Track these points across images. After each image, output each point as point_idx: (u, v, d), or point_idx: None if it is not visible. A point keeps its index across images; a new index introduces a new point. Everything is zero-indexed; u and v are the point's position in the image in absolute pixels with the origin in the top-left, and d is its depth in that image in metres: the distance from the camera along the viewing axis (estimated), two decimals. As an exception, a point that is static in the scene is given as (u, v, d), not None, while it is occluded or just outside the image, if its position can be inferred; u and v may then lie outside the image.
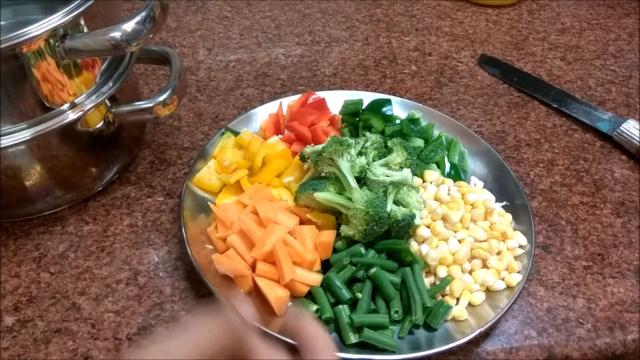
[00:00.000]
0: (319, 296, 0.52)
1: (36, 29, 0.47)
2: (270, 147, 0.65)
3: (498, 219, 0.59)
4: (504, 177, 0.64)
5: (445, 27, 0.94)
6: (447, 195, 0.59)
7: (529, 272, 0.55)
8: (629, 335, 0.54)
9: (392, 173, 0.59)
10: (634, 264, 0.60)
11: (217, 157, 0.64)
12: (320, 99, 0.72)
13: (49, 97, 0.52)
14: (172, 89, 0.59)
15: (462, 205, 0.58)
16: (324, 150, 0.57)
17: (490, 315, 0.52)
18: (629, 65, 0.88)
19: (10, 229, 0.60)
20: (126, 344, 0.51)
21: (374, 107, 0.70)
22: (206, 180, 0.62)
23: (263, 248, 0.52)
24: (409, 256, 0.54)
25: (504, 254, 0.56)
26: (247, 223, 0.54)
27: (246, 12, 0.96)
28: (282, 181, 0.63)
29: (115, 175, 0.64)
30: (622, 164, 0.71)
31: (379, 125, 0.67)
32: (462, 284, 0.54)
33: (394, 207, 0.56)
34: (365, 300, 0.51)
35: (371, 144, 0.62)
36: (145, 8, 0.50)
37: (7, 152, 0.52)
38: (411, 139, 0.67)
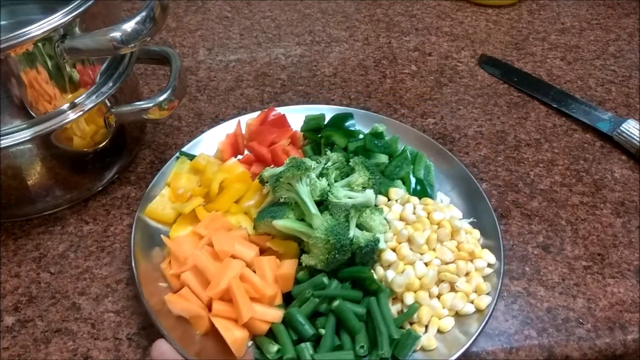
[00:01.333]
0: (280, 334, 0.49)
1: (36, 29, 0.47)
2: (228, 171, 0.61)
3: (465, 238, 0.56)
4: (471, 190, 0.62)
5: (445, 27, 0.94)
6: (412, 214, 0.57)
7: (498, 293, 0.53)
8: (629, 335, 0.54)
9: (355, 194, 0.56)
10: (634, 264, 0.60)
11: (171, 185, 0.60)
12: (280, 116, 0.68)
13: (49, 97, 0.52)
14: (172, 89, 0.59)
15: (428, 225, 0.56)
16: (281, 175, 0.54)
17: (461, 341, 0.50)
18: (629, 65, 0.88)
19: (10, 229, 0.60)
20: (126, 344, 0.51)
21: (335, 123, 0.67)
22: (159, 211, 0.58)
23: (218, 286, 0.49)
24: (374, 284, 0.52)
25: (472, 276, 0.54)
26: (200, 259, 0.51)
27: (246, 12, 0.96)
28: (242, 206, 0.59)
29: (115, 175, 0.64)
30: (622, 164, 0.71)
31: (342, 142, 0.65)
32: (430, 311, 0.52)
33: (357, 232, 0.53)
34: (329, 335, 0.49)
35: (332, 163, 0.60)
36: (145, 8, 0.50)
37: (7, 152, 0.52)
38: (375, 155, 0.64)
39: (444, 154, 0.66)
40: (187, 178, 0.61)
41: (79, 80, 0.53)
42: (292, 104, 0.77)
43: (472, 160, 0.70)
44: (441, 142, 0.72)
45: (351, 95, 0.79)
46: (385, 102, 0.78)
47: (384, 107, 0.77)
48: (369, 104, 0.78)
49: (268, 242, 0.54)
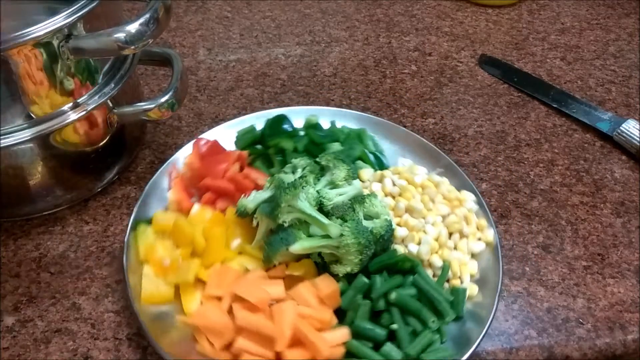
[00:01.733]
0: (359, 349, 0.48)
1: (40, 29, 0.47)
2: (201, 219, 0.56)
3: (446, 188, 0.59)
4: (415, 144, 0.66)
5: (445, 27, 0.94)
6: (393, 187, 0.59)
7: (493, 222, 0.58)
8: (629, 335, 0.54)
9: (344, 190, 0.55)
10: (634, 264, 0.60)
11: (151, 260, 0.53)
12: (212, 143, 0.63)
13: (51, 97, 0.52)
14: (174, 91, 0.59)
15: (415, 191, 0.58)
16: (281, 200, 0.51)
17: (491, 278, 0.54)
18: (629, 65, 0.88)
19: (10, 229, 0.60)
20: (126, 344, 0.51)
21: (273, 128, 0.65)
22: (156, 293, 0.51)
23: (285, 335, 0.46)
24: (407, 262, 0.53)
25: (469, 217, 0.58)
26: (250, 320, 0.47)
27: (246, 12, 0.96)
28: (232, 249, 0.55)
29: (116, 175, 0.64)
30: (622, 164, 0.71)
31: (290, 145, 0.63)
32: (457, 262, 0.55)
33: (369, 223, 0.53)
34: (401, 327, 0.49)
35: (302, 169, 0.57)
36: (149, 10, 0.50)
37: (8, 152, 0.52)
38: (327, 146, 0.63)
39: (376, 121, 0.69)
40: (162, 245, 0.54)
41: (82, 80, 0.53)
42: (292, 104, 0.77)
43: (472, 160, 0.70)
44: (441, 142, 0.72)
45: (351, 95, 0.80)
46: (385, 102, 0.78)
47: (384, 107, 0.77)
48: (369, 104, 0.78)
49: (287, 270, 0.52)
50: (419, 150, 0.66)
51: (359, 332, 0.49)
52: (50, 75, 0.50)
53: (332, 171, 0.57)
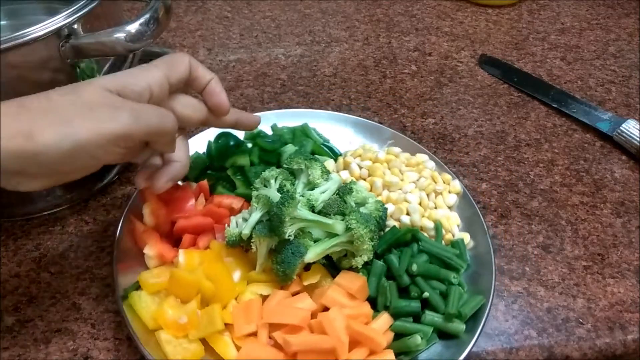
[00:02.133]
0: (404, 328, 0.50)
1: (40, 29, 0.47)
2: (192, 265, 0.52)
3: (404, 156, 0.64)
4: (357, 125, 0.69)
5: (445, 27, 0.94)
6: (361, 170, 0.62)
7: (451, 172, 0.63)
8: (629, 335, 0.54)
9: (325, 187, 0.54)
10: (634, 264, 0.60)
11: (164, 324, 0.48)
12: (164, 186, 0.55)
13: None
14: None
15: (382, 167, 0.62)
16: (283, 216, 0.49)
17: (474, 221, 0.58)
18: (629, 65, 0.88)
19: (10, 229, 0.60)
20: (126, 344, 0.51)
21: (223, 151, 0.62)
22: (187, 356, 0.47)
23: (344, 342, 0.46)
24: (408, 233, 0.55)
25: (434, 176, 0.62)
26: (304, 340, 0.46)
27: (246, 12, 0.96)
28: (239, 281, 0.52)
29: (116, 175, 0.64)
30: (622, 164, 0.71)
31: (245, 160, 0.61)
32: (445, 217, 0.58)
33: (363, 209, 0.54)
34: (432, 293, 0.51)
35: (275, 179, 0.55)
36: (149, 10, 0.50)
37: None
38: (281, 151, 0.62)
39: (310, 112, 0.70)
40: (169, 305, 0.49)
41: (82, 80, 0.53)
42: (292, 104, 0.77)
43: (472, 160, 0.70)
44: (441, 142, 0.72)
45: (351, 95, 0.80)
46: (385, 102, 0.78)
47: (384, 107, 0.78)
48: (369, 103, 0.78)
49: (304, 282, 0.52)
50: (361, 130, 0.69)
51: (398, 312, 0.51)
52: (50, 75, 0.50)
53: (306, 172, 0.55)
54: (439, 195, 0.61)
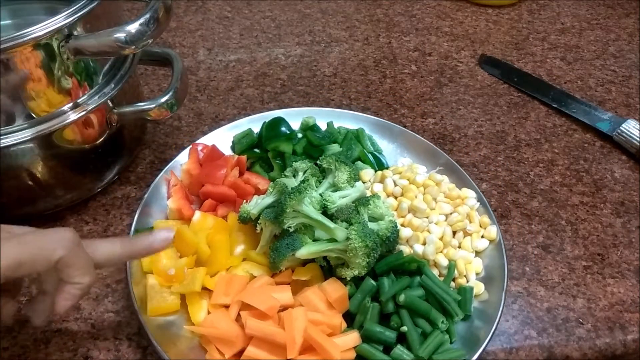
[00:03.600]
0: (370, 353, 0.48)
1: (40, 29, 0.47)
2: (203, 227, 0.55)
3: (447, 186, 0.60)
4: (414, 143, 0.67)
5: (445, 27, 0.94)
6: (395, 187, 0.60)
7: (495, 218, 0.59)
8: (629, 335, 0.54)
9: (347, 192, 0.55)
10: (634, 264, 0.60)
11: (155, 270, 0.52)
12: (210, 148, 0.63)
13: (51, 97, 0.52)
14: (174, 91, 0.59)
15: (417, 190, 0.59)
16: (285, 206, 0.50)
17: (496, 275, 0.54)
18: (629, 65, 0.88)
19: (11, 229, 0.60)
20: (126, 344, 0.51)
21: (271, 131, 0.64)
22: (162, 305, 0.50)
23: (296, 342, 0.46)
24: (414, 263, 0.53)
25: (472, 215, 0.58)
26: (260, 327, 0.47)
27: (246, 12, 0.96)
28: (236, 255, 0.55)
29: (116, 175, 0.64)
30: (622, 164, 0.71)
31: (288, 148, 0.63)
32: (463, 261, 0.55)
33: (373, 225, 0.53)
34: (411, 328, 0.49)
35: (304, 172, 0.57)
36: (149, 10, 0.50)
37: (8, 152, 0.52)
38: (326, 148, 0.63)
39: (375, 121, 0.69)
40: (166, 255, 0.53)
41: (82, 80, 0.53)
42: (292, 104, 0.77)
43: (472, 160, 0.70)
44: (441, 142, 0.72)
45: (351, 95, 0.80)
46: (385, 102, 0.78)
47: (384, 107, 0.77)
48: (369, 104, 0.78)
49: (293, 275, 0.53)
50: (418, 149, 0.67)
51: (369, 336, 0.49)
52: (50, 75, 0.50)
53: (334, 174, 0.56)
54: (468, 236, 0.57)
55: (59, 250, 0.37)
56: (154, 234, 0.44)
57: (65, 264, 0.38)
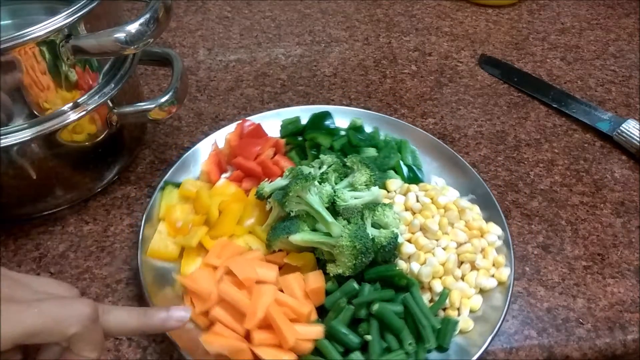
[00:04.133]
0: (327, 350, 0.48)
1: (40, 29, 0.47)
2: (222, 193, 0.58)
3: (471, 215, 0.57)
4: (459, 168, 0.64)
5: (445, 27, 0.94)
6: (416, 203, 0.57)
7: (513, 263, 0.55)
8: (629, 335, 0.54)
9: (361, 194, 0.55)
10: (634, 264, 0.60)
11: (167, 219, 0.57)
12: (256, 126, 0.66)
13: (51, 97, 0.52)
14: (174, 91, 0.59)
15: (436, 210, 0.56)
16: (290, 190, 0.52)
17: (493, 317, 0.51)
18: (629, 65, 0.88)
19: (10, 229, 0.60)
20: (126, 344, 0.51)
21: (315, 123, 0.66)
22: (162, 250, 0.55)
23: (256, 315, 0.47)
24: (403, 279, 0.52)
25: (487, 251, 0.55)
26: (230, 292, 0.48)
27: (246, 12, 0.96)
28: (244, 226, 0.57)
29: (116, 175, 0.64)
30: (622, 164, 0.71)
31: (327, 142, 0.64)
32: (459, 293, 0.53)
33: (374, 231, 0.53)
34: (375, 340, 0.48)
35: (328, 166, 0.58)
36: (149, 10, 0.50)
37: (8, 152, 0.52)
38: (363, 150, 0.63)
39: (426, 137, 0.68)
40: (181, 208, 0.57)
41: (82, 80, 0.53)
42: (292, 104, 0.77)
43: (472, 160, 0.70)
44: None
45: (351, 95, 0.80)
46: (385, 102, 0.78)
47: (384, 107, 0.77)
48: (369, 104, 0.78)
49: (285, 258, 0.53)
50: (457, 173, 0.64)
51: (333, 334, 0.49)
52: (50, 75, 0.50)
53: (354, 174, 0.57)
54: (474, 270, 0.54)
55: (75, 326, 0.37)
56: (170, 312, 0.42)
57: (78, 339, 0.37)
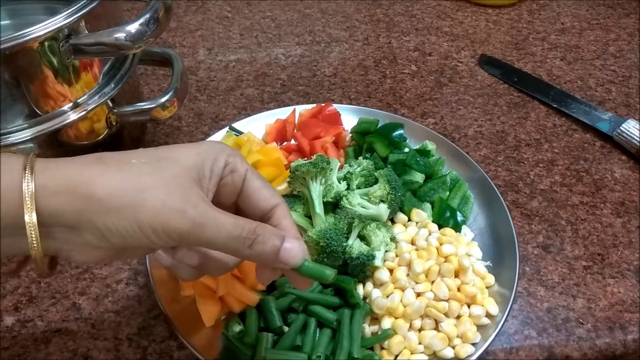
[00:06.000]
0: (249, 317, 0.49)
1: (40, 29, 0.47)
2: (265, 153, 0.62)
3: (472, 279, 0.52)
4: (504, 231, 0.58)
5: (445, 27, 0.94)
6: (424, 240, 0.54)
7: (486, 347, 0.49)
8: (629, 335, 0.54)
9: (369, 205, 0.55)
10: (634, 264, 0.60)
11: None
12: (334, 112, 0.69)
13: (51, 97, 0.52)
14: (174, 91, 0.59)
15: (435, 256, 0.53)
16: (299, 170, 0.55)
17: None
18: (629, 65, 0.88)
19: (11, 229, 0.60)
20: (126, 344, 0.51)
21: (383, 131, 0.65)
22: None
23: None
24: (353, 299, 0.51)
25: (462, 320, 0.50)
26: None
27: (246, 12, 0.96)
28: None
29: (116, 175, 0.64)
30: (622, 164, 0.71)
31: (383, 151, 0.63)
32: (404, 342, 0.49)
33: (357, 242, 0.53)
34: (291, 334, 0.49)
35: (361, 169, 0.59)
36: (149, 10, 0.50)
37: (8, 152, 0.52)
38: (411, 172, 0.61)
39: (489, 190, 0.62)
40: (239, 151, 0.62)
41: (82, 80, 0.54)
42: (292, 104, 0.77)
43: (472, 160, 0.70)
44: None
45: (351, 95, 0.80)
46: (385, 102, 0.78)
47: (384, 107, 0.77)
48: (369, 104, 0.78)
49: None
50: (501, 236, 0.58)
51: (263, 308, 0.50)
52: (50, 75, 0.50)
53: (375, 185, 0.56)
54: (432, 331, 0.50)
55: None
56: None
57: None
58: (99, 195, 0.33)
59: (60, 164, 0.34)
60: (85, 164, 0.34)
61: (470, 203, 0.62)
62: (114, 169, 0.34)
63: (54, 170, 0.33)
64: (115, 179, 0.33)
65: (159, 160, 0.35)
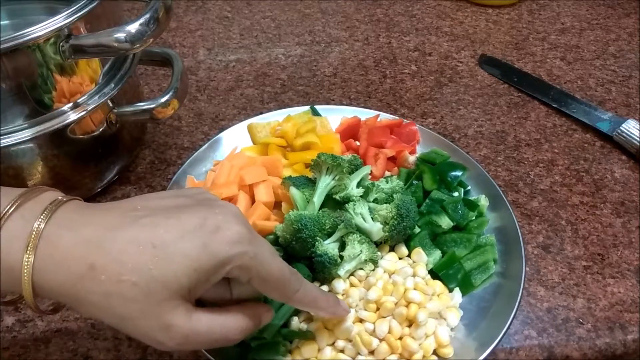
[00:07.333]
0: None
1: (40, 29, 0.47)
2: (324, 139, 0.66)
3: (421, 338, 0.48)
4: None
5: (445, 27, 0.94)
6: (399, 277, 0.51)
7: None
8: (629, 335, 0.54)
9: (367, 219, 0.55)
10: (634, 264, 0.60)
11: (283, 122, 0.68)
12: (411, 131, 0.68)
13: (51, 96, 0.52)
14: (174, 91, 0.59)
15: (399, 297, 0.49)
16: (320, 157, 0.57)
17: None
18: (629, 65, 0.88)
19: (11, 229, 0.60)
20: (126, 344, 0.51)
21: (441, 166, 0.64)
22: (257, 130, 0.67)
23: None
24: None
25: None
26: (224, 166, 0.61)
27: (246, 12, 0.96)
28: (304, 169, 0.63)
29: (116, 175, 0.64)
30: (622, 164, 0.71)
31: (429, 184, 0.61)
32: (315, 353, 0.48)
33: (333, 244, 0.53)
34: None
35: (388, 187, 0.58)
36: (149, 10, 0.50)
37: (7, 152, 0.52)
38: (441, 215, 0.58)
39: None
40: (293, 123, 0.66)
41: (82, 80, 0.54)
42: (292, 104, 0.77)
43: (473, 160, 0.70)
44: (441, 142, 0.72)
45: (351, 95, 0.80)
46: (385, 102, 0.78)
47: (384, 107, 0.78)
48: (369, 104, 0.78)
49: (283, 201, 0.59)
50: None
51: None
52: (50, 75, 0.50)
53: (386, 207, 0.55)
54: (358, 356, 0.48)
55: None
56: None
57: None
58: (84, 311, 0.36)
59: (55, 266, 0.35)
60: (79, 276, 0.34)
61: (487, 273, 0.55)
62: (102, 289, 0.35)
63: (49, 274, 0.35)
64: (103, 302, 0.35)
65: (147, 283, 0.34)
